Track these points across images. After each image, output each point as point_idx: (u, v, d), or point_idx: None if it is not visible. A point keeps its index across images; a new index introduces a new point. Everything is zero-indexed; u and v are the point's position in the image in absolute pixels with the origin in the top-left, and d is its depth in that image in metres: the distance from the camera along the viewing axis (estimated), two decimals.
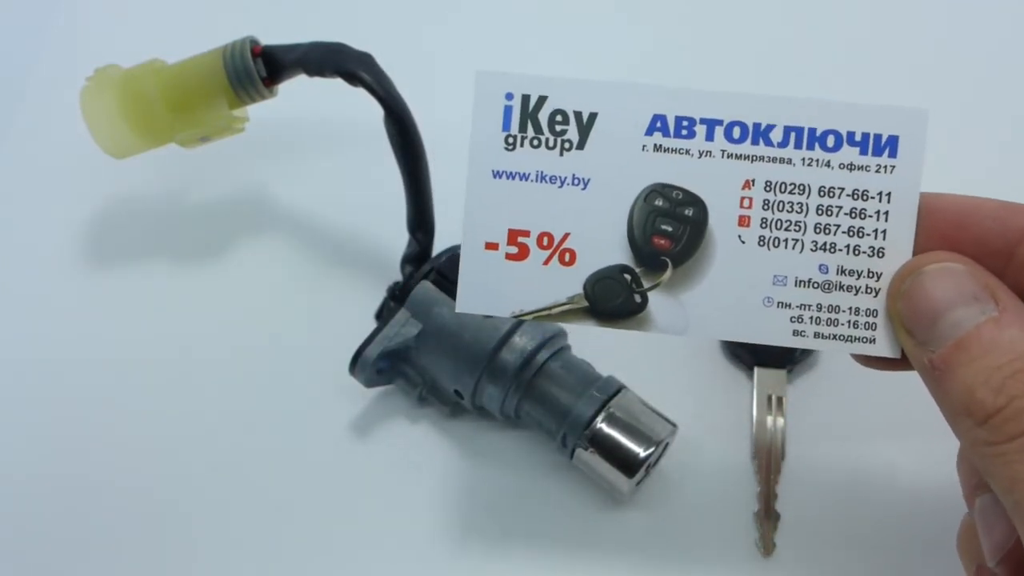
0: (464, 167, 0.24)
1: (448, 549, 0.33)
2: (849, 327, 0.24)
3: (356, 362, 0.32)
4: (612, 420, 0.31)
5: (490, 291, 0.24)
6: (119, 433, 0.35)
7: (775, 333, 0.24)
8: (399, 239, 0.34)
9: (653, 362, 0.34)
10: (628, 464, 0.31)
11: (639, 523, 0.33)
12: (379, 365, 0.33)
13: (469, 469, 0.34)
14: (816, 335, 0.24)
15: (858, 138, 0.24)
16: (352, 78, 0.32)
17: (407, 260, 0.34)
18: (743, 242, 0.24)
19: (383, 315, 0.34)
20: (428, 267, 0.33)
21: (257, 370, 0.36)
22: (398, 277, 0.34)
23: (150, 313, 0.38)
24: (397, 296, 0.34)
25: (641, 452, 0.31)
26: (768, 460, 0.33)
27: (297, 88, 0.35)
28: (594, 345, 0.33)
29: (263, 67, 0.34)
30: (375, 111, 0.32)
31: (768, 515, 0.32)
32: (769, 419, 0.34)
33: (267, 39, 0.35)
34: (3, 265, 0.40)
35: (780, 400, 0.34)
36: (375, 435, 0.35)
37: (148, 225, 0.40)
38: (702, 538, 0.32)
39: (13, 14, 0.47)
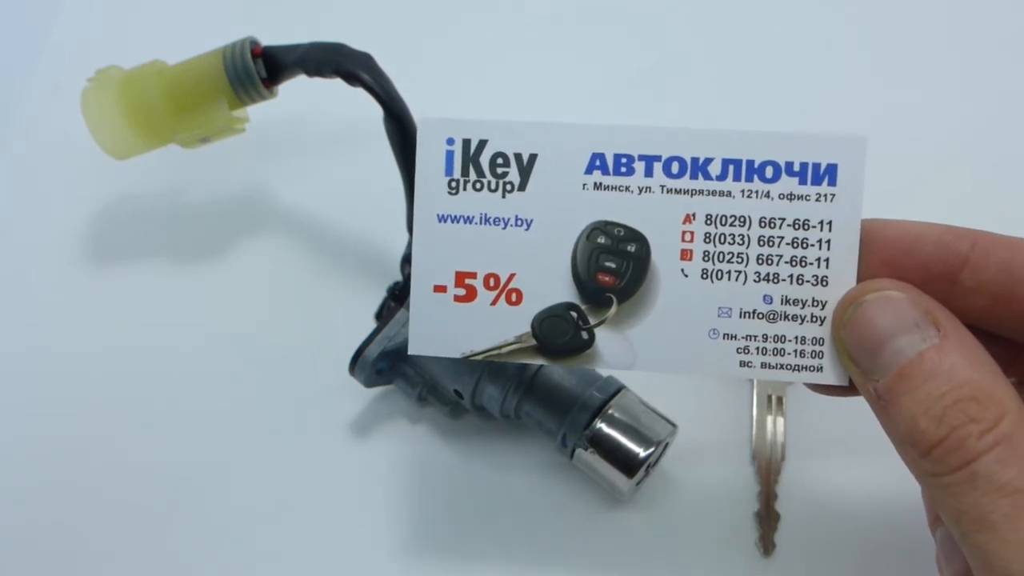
0: None
1: (448, 549, 0.33)
2: (796, 356, 0.24)
3: (356, 362, 0.33)
4: (612, 420, 0.31)
5: (440, 333, 0.25)
6: (118, 431, 0.35)
7: (722, 365, 0.24)
8: (399, 239, 0.34)
9: None
10: (628, 464, 0.31)
11: (639, 523, 0.33)
12: (379, 365, 0.33)
13: (469, 469, 0.34)
14: (763, 365, 0.24)
15: (796, 168, 0.24)
16: (352, 78, 0.32)
17: (407, 260, 0.34)
18: (686, 276, 0.24)
19: (383, 315, 0.34)
20: None
21: (257, 370, 0.36)
22: (398, 277, 0.34)
23: (150, 313, 0.38)
24: (397, 296, 0.34)
25: (641, 452, 0.31)
26: (768, 460, 0.33)
27: (297, 88, 0.35)
28: None
29: (263, 68, 0.34)
30: (375, 111, 0.32)
31: (768, 515, 0.32)
32: (769, 419, 0.34)
33: (267, 39, 0.35)
34: (4, 265, 0.40)
35: (780, 400, 0.34)
36: (375, 435, 0.35)
37: (148, 225, 0.41)
38: (702, 538, 0.32)
39: (14, 15, 0.47)
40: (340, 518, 0.33)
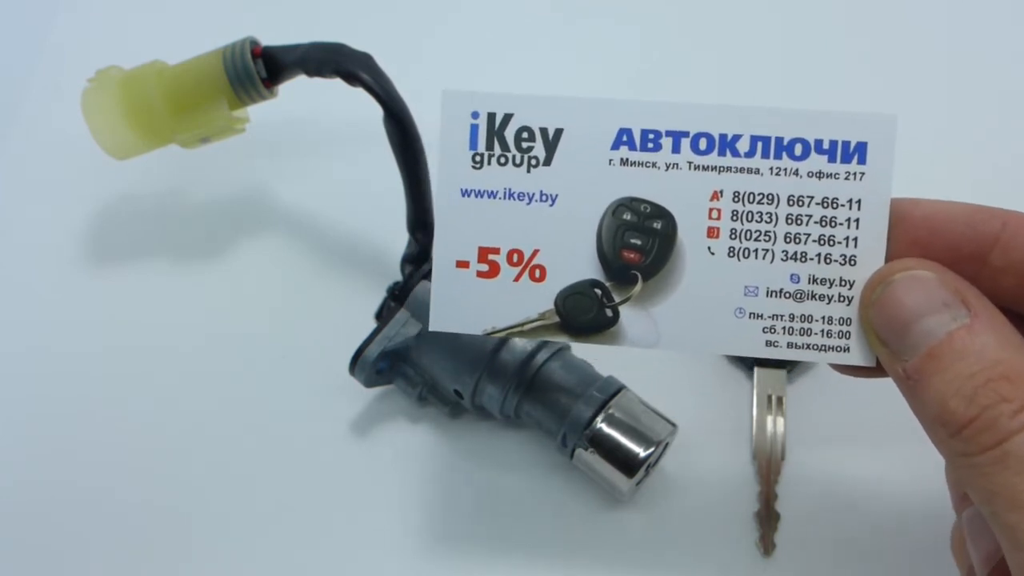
0: None
1: (448, 549, 0.33)
2: (823, 336, 0.24)
3: (356, 362, 0.33)
4: (612, 420, 0.31)
5: (462, 309, 0.25)
6: (118, 431, 0.35)
7: (748, 344, 0.24)
8: (399, 239, 0.34)
9: (653, 362, 0.34)
10: (628, 464, 0.31)
11: (639, 523, 0.33)
12: (379, 365, 0.33)
13: (469, 469, 0.34)
14: (789, 345, 0.24)
15: (826, 146, 0.23)
16: (352, 78, 0.32)
17: (407, 260, 0.34)
18: (712, 253, 0.24)
19: (383, 315, 0.34)
20: (428, 267, 0.33)
21: (257, 370, 0.36)
22: (398, 277, 0.34)
23: (150, 313, 0.38)
24: (397, 296, 0.34)
25: (641, 452, 0.31)
26: (768, 460, 0.33)
27: (297, 88, 0.35)
28: (593, 346, 0.33)
29: (263, 68, 0.34)
30: (375, 111, 0.32)
31: (768, 515, 0.32)
32: (769, 419, 0.34)
33: (267, 39, 0.35)
34: (4, 264, 0.40)
35: (780, 400, 0.34)
36: (375, 435, 0.35)
37: (149, 225, 0.41)
38: (702, 538, 0.32)
39: (14, 15, 0.47)
40: (340, 518, 0.33)
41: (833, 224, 0.23)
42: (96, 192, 0.41)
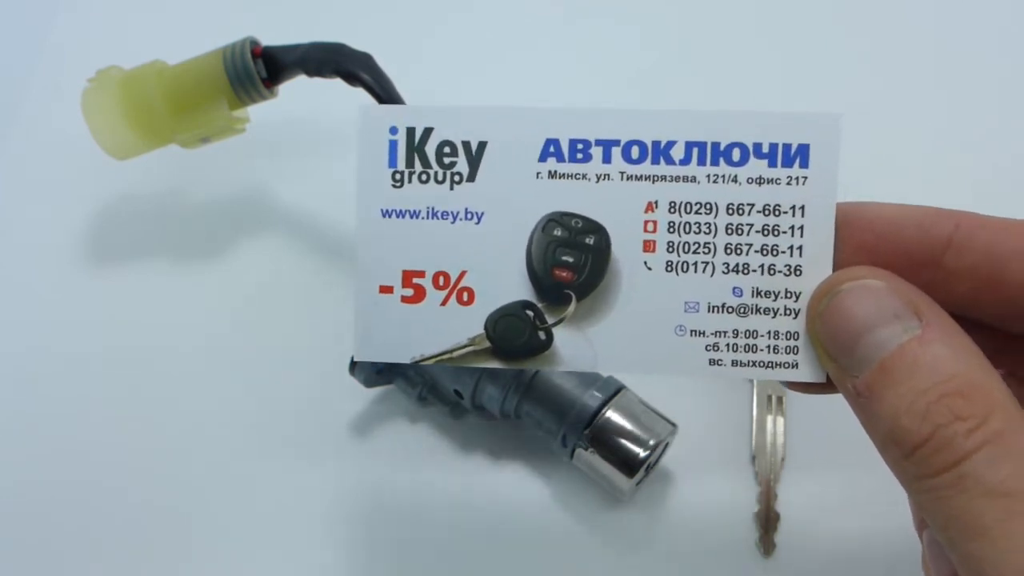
0: None
1: (448, 548, 0.33)
2: (769, 352, 0.22)
3: (356, 362, 0.33)
4: (612, 420, 0.31)
5: (388, 337, 0.23)
6: (118, 431, 0.35)
7: (690, 364, 0.23)
8: None
9: None
10: (628, 464, 0.31)
11: (639, 523, 0.33)
12: (379, 365, 0.33)
13: (469, 469, 0.34)
14: (734, 363, 0.23)
15: (765, 149, 0.22)
16: (352, 78, 0.32)
17: None
18: (649, 268, 0.23)
19: None
20: None
21: (257, 370, 0.36)
22: None
23: (150, 313, 0.38)
24: None
25: (641, 452, 0.31)
26: (768, 460, 0.33)
27: (297, 88, 0.35)
28: None
29: (263, 68, 0.34)
30: None
31: (768, 515, 0.32)
32: (769, 419, 0.34)
33: (267, 39, 0.35)
34: (4, 265, 0.40)
35: (780, 400, 0.34)
36: (375, 435, 0.35)
37: (149, 225, 0.41)
38: (702, 538, 0.32)
39: (14, 15, 0.47)
40: (340, 517, 0.33)
41: (776, 233, 0.22)
42: (96, 192, 0.41)
